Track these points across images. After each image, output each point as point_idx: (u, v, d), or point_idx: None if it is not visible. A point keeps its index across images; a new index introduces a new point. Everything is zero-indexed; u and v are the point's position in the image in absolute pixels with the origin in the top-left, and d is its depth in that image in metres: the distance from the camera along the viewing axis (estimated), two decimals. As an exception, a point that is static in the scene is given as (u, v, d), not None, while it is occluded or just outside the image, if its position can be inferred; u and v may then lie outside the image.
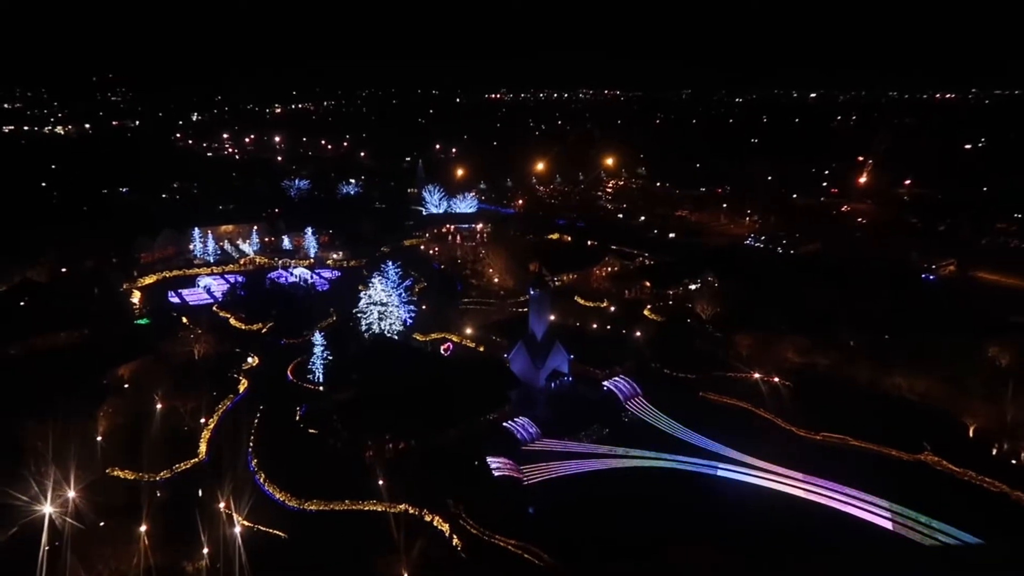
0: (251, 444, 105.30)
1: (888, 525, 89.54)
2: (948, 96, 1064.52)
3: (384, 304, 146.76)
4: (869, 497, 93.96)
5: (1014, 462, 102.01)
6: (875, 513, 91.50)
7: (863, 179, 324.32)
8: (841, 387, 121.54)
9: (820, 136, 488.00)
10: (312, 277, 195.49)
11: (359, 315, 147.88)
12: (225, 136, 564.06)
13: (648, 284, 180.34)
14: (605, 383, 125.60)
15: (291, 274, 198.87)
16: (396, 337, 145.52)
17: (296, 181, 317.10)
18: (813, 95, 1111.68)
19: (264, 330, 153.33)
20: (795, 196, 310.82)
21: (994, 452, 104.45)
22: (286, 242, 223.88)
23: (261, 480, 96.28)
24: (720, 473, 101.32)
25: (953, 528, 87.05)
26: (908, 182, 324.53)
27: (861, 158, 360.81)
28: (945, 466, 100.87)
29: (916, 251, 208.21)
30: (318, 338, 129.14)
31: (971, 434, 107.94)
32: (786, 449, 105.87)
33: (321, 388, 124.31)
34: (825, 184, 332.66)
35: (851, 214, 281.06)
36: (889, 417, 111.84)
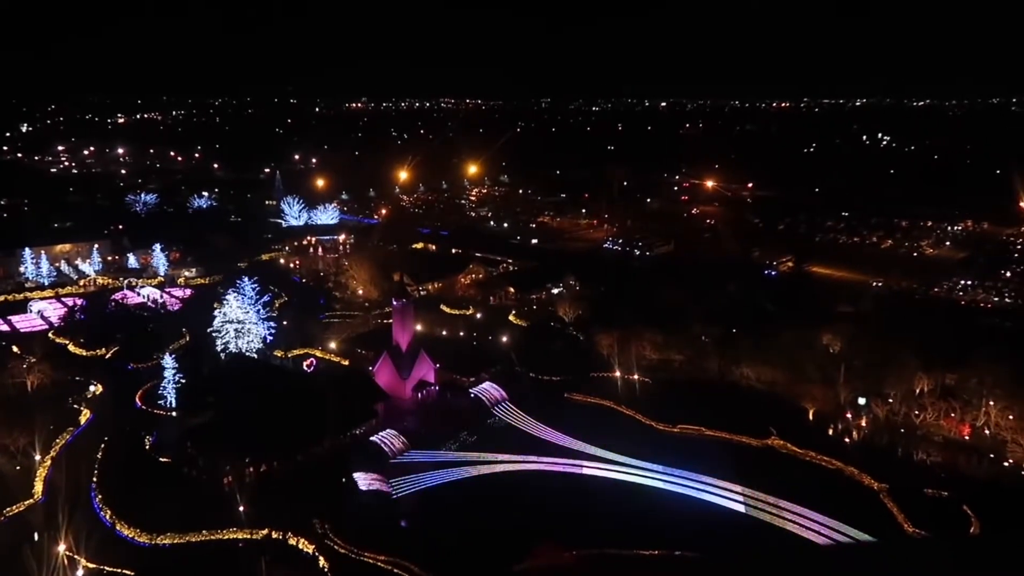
0: (94, 479, 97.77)
1: (741, 508, 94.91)
2: (783, 105, 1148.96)
3: (241, 322, 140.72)
4: (723, 483, 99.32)
5: (847, 440, 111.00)
6: (728, 498, 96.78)
7: (709, 183, 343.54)
8: (695, 380, 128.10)
9: (670, 143, 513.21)
10: (162, 297, 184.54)
11: (214, 334, 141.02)
12: (61, 148, 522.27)
13: (512, 290, 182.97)
14: (472, 390, 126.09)
15: (138, 294, 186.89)
16: (255, 355, 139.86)
17: (142, 195, 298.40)
18: (664, 104, 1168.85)
19: (108, 355, 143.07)
20: (649, 200, 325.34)
21: (830, 432, 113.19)
22: (132, 260, 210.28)
23: (107, 517, 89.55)
24: (585, 471, 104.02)
25: (798, 506, 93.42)
26: (750, 185, 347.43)
27: (708, 163, 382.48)
28: (790, 449, 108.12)
29: (758, 249, 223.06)
30: (169, 361, 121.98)
31: (810, 417, 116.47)
32: (646, 443, 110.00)
33: (174, 413, 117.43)
34: (676, 188, 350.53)
35: (700, 216, 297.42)
36: (739, 406, 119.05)
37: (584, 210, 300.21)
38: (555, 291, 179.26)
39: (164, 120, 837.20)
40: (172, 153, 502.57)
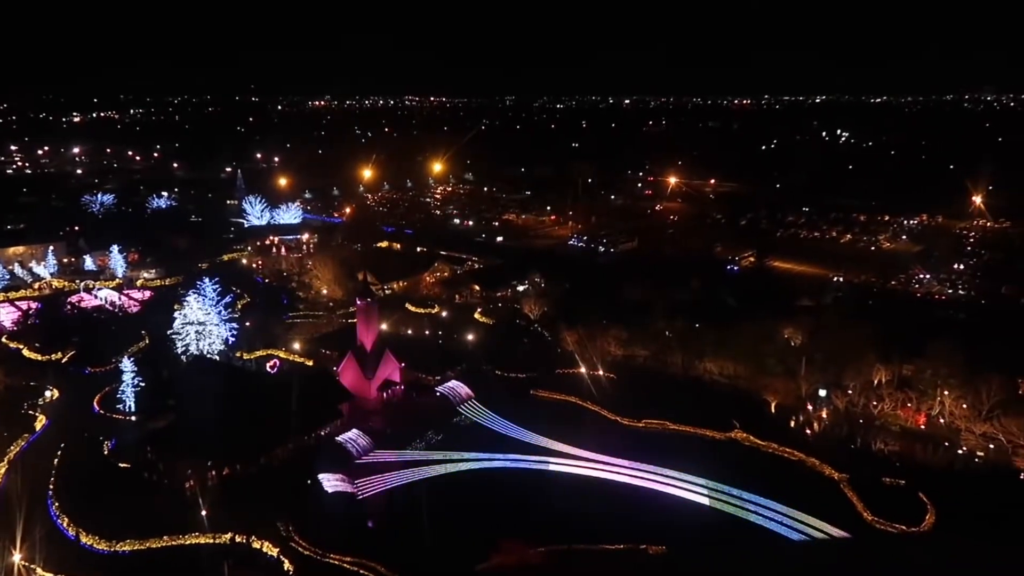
0: (51, 486, 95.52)
1: (705, 501, 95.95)
2: (745, 102, 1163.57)
3: (201, 323, 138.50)
4: (688, 477, 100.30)
5: (808, 432, 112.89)
6: (693, 491, 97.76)
7: (672, 179, 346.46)
8: (659, 375, 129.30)
9: (634, 140, 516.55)
10: (120, 299, 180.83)
11: (174, 337, 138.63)
12: (14, 148, 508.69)
13: (477, 288, 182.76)
14: (438, 389, 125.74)
15: (95, 297, 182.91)
16: (217, 357, 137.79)
17: (99, 195, 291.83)
18: (628, 101, 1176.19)
19: (65, 359, 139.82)
20: (613, 197, 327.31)
21: (792, 424, 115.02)
22: (89, 262, 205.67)
23: (64, 525, 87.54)
24: (552, 468, 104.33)
25: (763, 498, 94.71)
26: (713, 181, 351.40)
27: (671, 159, 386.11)
28: (752, 441, 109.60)
29: (720, 244, 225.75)
30: (128, 364, 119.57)
31: (772, 410, 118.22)
32: (612, 438, 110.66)
33: (133, 418, 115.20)
34: (640, 185, 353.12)
35: (664, 212, 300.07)
36: (702, 400, 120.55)
37: (549, 207, 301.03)
38: (520, 289, 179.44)
39: (122, 119, 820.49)
40: (130, 152, 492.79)
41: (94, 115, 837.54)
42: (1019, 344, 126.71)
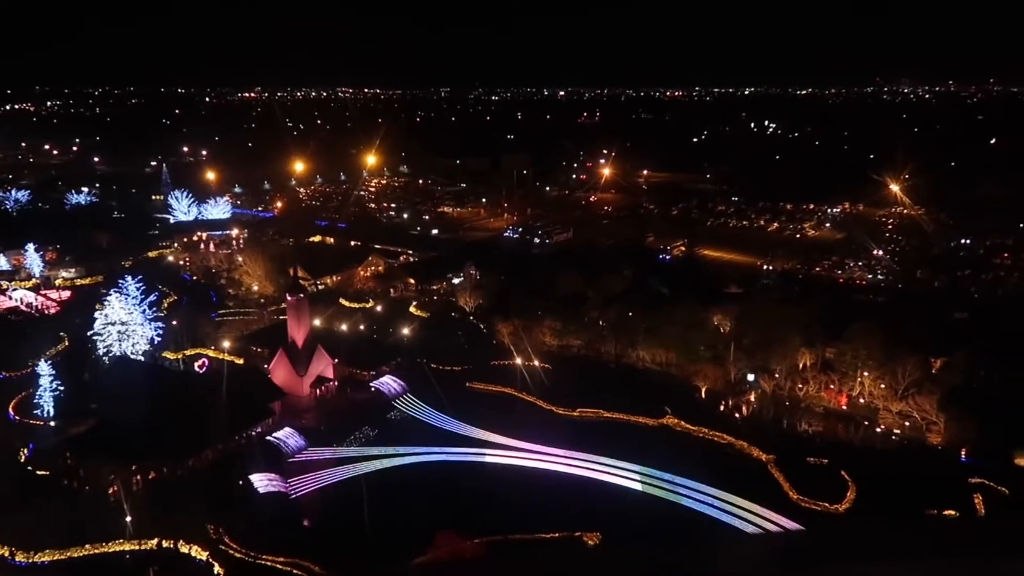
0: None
1: (638, 487, 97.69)
2: (677, 94, 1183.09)
3: (124, 323, 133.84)
4: (621, 463, 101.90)
5: (737, 415, 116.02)
6: (626, 478, 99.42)
7: (606, 170, 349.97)
8: (593, 364, 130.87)
9: (569, 131, 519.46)
10: (37, 299, 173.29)
11: (95, 338, 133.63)
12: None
13: (412, 281, 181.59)
14: (372, 384, 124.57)
15: (10, 298, 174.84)
16: (142, 358, 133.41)
17: (13, 191, 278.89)
18: (562, 93, 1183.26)
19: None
20: (548, 188, 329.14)
21: (721, 408, 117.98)
22: (2, 261, 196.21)
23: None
24: (488, 459, 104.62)
25: (693, 481, 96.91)
26: (645, 172, 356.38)
27: (605, 151, 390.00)
28: (683, 426, 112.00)
29: (653, 234, 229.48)
30: (45, 368, 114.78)
31: (703, 395, 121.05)
32: (547, 428, 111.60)
33: (52, 423, 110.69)
34: (574, 176, 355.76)
35: (597, 203, 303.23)
36: (635, 387, 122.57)
37: (484, 199, 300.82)
38: (456, 281, 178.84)
39: (38, 111, 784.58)
40: (47, 146, 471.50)
41: (8, 107, 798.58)
42: (932, 326, 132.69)
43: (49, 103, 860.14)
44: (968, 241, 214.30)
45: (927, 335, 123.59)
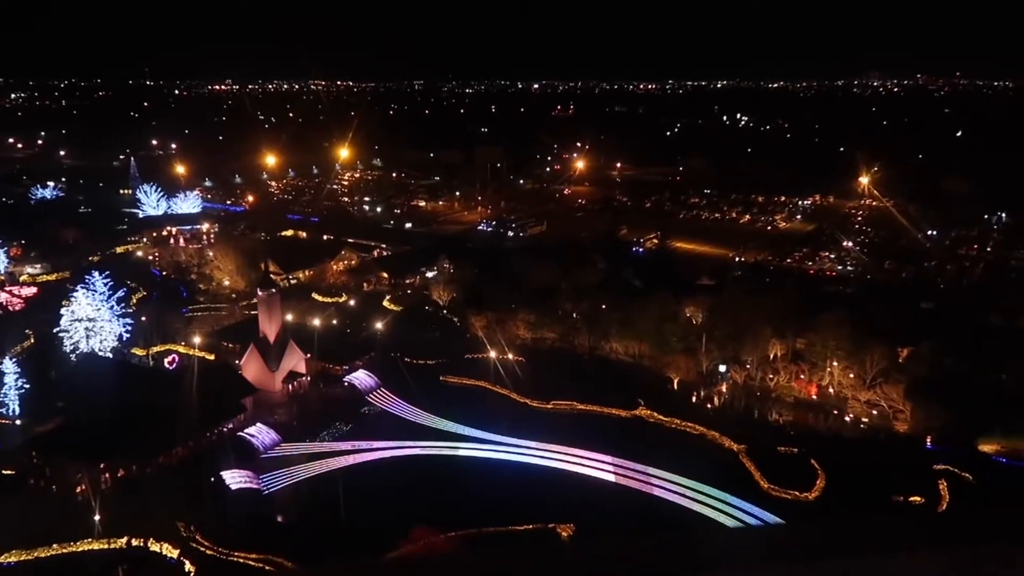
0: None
1: (611, 478, 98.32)
2: (650, 87, 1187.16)
3: (92, 319, 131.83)
4: (595, 455, 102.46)
5: (709, 406, 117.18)
6: (600, 469, 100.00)
7: (580, 163, 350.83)
8: (567, 356, 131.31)
9: (543, 124, 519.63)
10: (1, 296, 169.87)
11: (62, 335, 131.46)
12: None
13: (386, 275, 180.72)
14: (345, 378, 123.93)
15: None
16: (110, 355, 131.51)
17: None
18: (536, 86, 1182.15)
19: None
20: (522, 181, 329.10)
21: (694, 399, 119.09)
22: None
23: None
24: (461, 453, 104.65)
25: (666, 472, 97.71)
26: (619, 165, 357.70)
27: (579, 143, 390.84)
28: (657, 418, 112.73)
29: (626, 226, 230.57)
30: (10, 365, 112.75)
31: (675, 386, 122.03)
32: (521, 421, 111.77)
33: (18, 421, 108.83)
34: (548, 169, 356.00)
35: (571, 196, 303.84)
36: (608, 379, 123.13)
37: (458, 193, 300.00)
38: (429, 275, 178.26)
39: (1, 103, 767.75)
40: (11, 140, 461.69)
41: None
42: (900, 315, 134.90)
43: (13, 95, 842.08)
44: (934, 233, 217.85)
45: (895, 325, 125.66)
